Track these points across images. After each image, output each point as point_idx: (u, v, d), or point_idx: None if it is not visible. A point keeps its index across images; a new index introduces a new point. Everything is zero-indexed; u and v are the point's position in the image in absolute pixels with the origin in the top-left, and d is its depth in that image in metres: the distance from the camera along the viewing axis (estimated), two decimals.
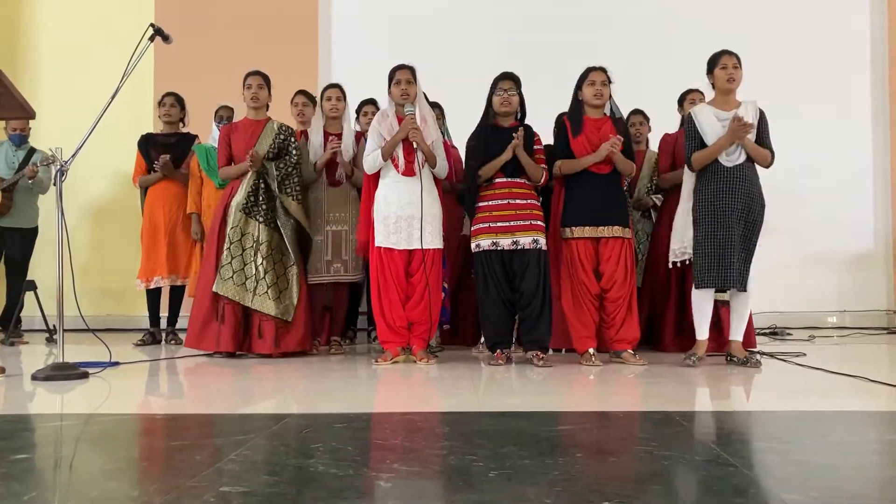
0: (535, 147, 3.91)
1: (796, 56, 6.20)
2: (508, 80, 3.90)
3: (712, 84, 3.82)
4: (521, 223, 3.79)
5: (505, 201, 3.83)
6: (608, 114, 3.98)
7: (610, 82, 3.90)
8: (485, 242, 3.82)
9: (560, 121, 4.04)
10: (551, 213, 4.04)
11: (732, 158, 3.69)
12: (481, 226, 3.86)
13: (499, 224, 3.81)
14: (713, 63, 3.78)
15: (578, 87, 3.95)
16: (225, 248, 4.17)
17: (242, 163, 4.21)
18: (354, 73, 6.07)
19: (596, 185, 3.86)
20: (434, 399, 2.95)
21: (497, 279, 3.81)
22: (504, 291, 3.82)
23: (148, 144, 5.10)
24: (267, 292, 4.13)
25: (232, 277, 4.13)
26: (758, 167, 3.77)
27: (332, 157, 4.34)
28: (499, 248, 3.79)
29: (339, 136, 4.43)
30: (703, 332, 3.80)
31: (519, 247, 3.78)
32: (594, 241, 3.87)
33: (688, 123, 3.84)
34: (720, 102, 3.79)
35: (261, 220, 4.20)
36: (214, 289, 4.12)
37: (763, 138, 3.76)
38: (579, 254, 3.86)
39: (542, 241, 3.82)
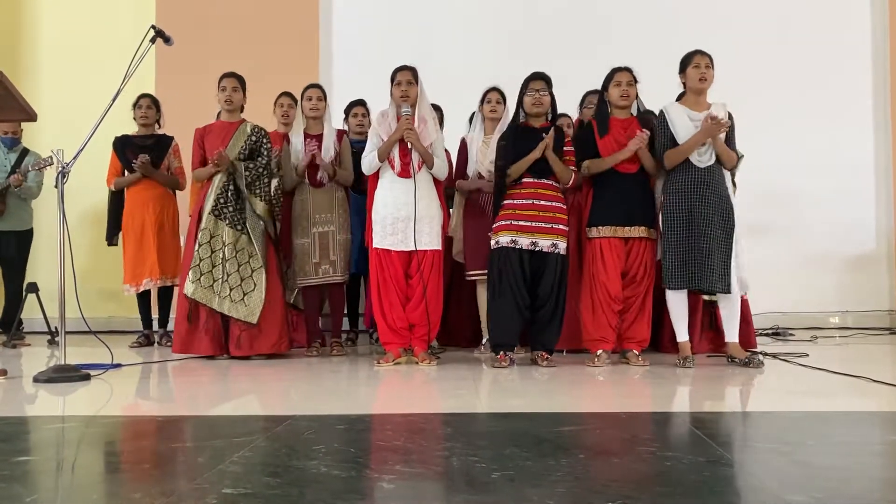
0: (564, 148, 3.89)
1: (797, 56, 6.19)
2: (540, 80, 3.88)
3: (684, 83, 3.83)
4: (543, 225, 3.76)
5: (529, 201, 3.81)
6: (634, 114, 3.98)
7: (636, 82, 3.90)
8: (504, 239, 3.79)
9: (585, 123, 4.03)
10: (580, 213, 4.03)
11: (704, 159, 3.70)
12: (503, 223, 3.82)
13: (521, 223, 3.78)
14: (686, 62, 3.79)
15: (604, 88, 3.94)
16: (195, 250, 4.17)
17: (210, 164, 4.19)
18: (355, 74, 6.08)
19: (624, 185, 3.84)
20: (436, 400, 2.95)
21: (513, 277, 3.75)
22: (518, 291, 3.77)
23: (124, 146, 5.06)
24: (230, 294, 4.12)
25: (199, 279, 4.12)
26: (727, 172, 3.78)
27: (311, 159, 4.32)
28: (517, 247, 3.77)
29: (320, 137, 4.38)
30: (682, 333, 3.79)
31: (537, 249, 3.76)
32: (622, 241, 3.86)
33: (659, 121, 3.84)
34: (692, 102, 3.80)
35: (227, 221, 4.18)
36: (185, 291, 4.13)
37: (730, 140, 3.78)
38: (604, 254, 3.84)
39: (563, 245, 3.79)
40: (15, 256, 5.41)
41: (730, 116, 3.78)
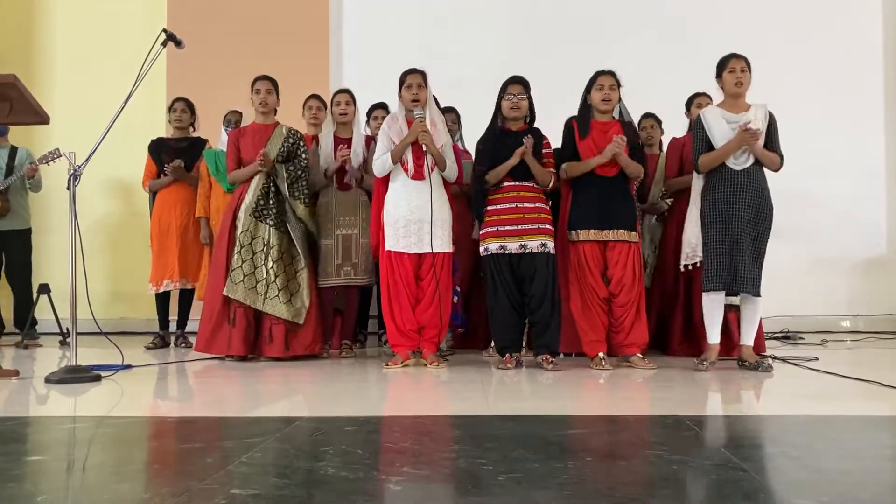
0: (543, 151, 3.91)
1: (808, 57, 6.18)
2: (518, 85, 3.91)
3: (722, 88, 3.81)
4: (530, 227, 3.79)
5: (513, 205, 3.83)
6: (617, 118, 3.98)
7: (619, 86, 3.90)
8: (493, 246, 3.82)
9: (569, 124, 4.04)
10: (559, 216, 4.03)
11: (740, 162, 3.68)
12: (489, 229, 3.86)
13: (507, 228, 3.81)
14: (722, 67, 3.78)
15: (587, 90, 3.95)
16: (235, 251, 4.18)
17: (252, 165, 4.22)
18: (366, 76, 6.09)
19: (602, 188, 3.85)
20: (444, 403, 2.95)
21: (506, 283, 3.81)
22: (513, 295, 3.82)
23: (159, 149, 5.14)
24: (278, 296, 4.15)
25: (243, 281, 4.14)
26: (766, 171, 3.75)
27: (342, 164, 4.36)
28: (507, 252, 3.79)
29: (349, 140, 4.45)
30: (714, 336, 3.78)
31: (527, 250, 3.78)
32: (601, 245, 3.87)
33: (696, 125, 3.83)
34: (729, 105, 3.78)
35: (271, 223, 4.22)
36: (225, 292, 4.14)
37: (773, 142, 3.74)
38: (586, 257, 3.86)
39: (551, 244, 3.82)
40: (20, 255, 5.46)
41: (771, 117, 3.76)
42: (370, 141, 4.52)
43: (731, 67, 3.73)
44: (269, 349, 4.17)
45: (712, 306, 3.77)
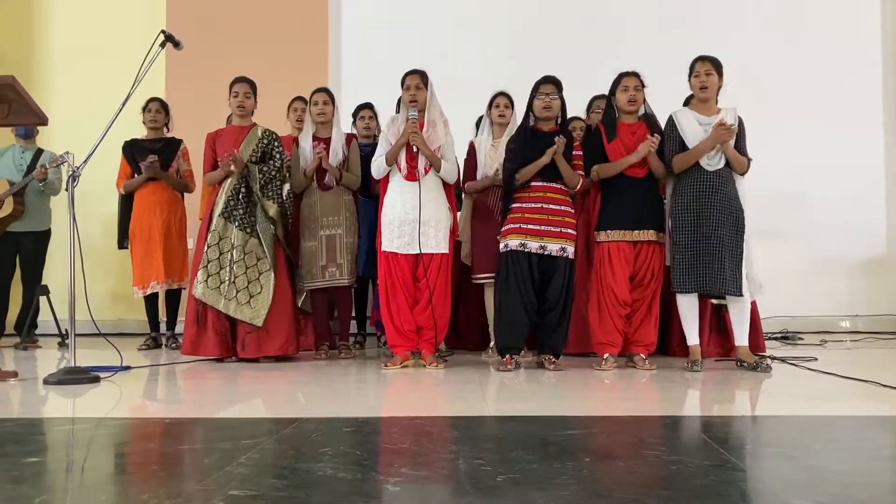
0: (573, 153, 3.90)
1: (806, 59, 6.18)
2: (550, 84, 3.89)
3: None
4: (552, 229, 3.77)
5: (539, 205, 3.81)
6: (641, 118, 3.98)
7: (643, 86, 3.91)
8: (513, 242, 3.79)
9: (595, 127, 4.03)
10: (587, 219, 4.03)
11: (713, 163, 3.70)
12: (512, 226, 3.82)
13: (530, 227, 3.79)
14: (690, 70, 3.80)
15: (612, 92, 3.95)
16: (203, 252, 4.19)
17: (223, 166, 4.21)
18: (365, 76, 6.10)
19: (632, 189, 3.85)
20: (443, 403, 2.95)
21: (521, 281, 3.76)
22: (526, 295, 3.77)
23: (133, 150, 5.11)
24: (236, 297, 4.13)
25: (206, 281, 4.13)
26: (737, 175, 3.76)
27: (318, 163, 4.33)
28: (526, 250, 3.77)
29: (329, 140, 4.41)
30: (692, 337, 3.79)
31: (546, 252, 3.77)
32: (632, 245, 3.86)
33: (668, 126, 3.84)
34: (700, 108, 3.80)
35: (236, 224, 4.19)
36: (193, 293, 4.15)
37: (740, 145, 3.77)
38: (612, 258, 3.84)
39: (571, 249, 3.80)
40: (33, 258, 5.45)
41: (739, 122, 3.77)
42: (352, 139, 4.51)
43: (696, 71, 3.75)
44: (240, 350, 4.15)
45: (686, 307, 3.78)
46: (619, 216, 3.86)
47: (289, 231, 4.37)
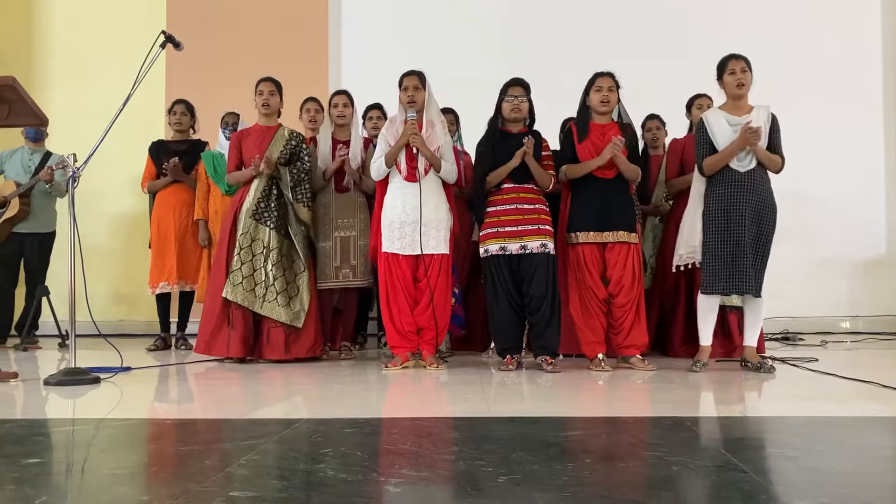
0: (542, 153, 3.91)
1: (807, 59, 6.18)
2: (518, 87, 3.91)
3: (724, 90, 3.78)
4: (530, 227, 3.80)
5: (513, 206, 3.84)
6: (616, 119, 3.98)
7: (618, 88, 3.90)
8: (493, 247, 3.82)
9: (568, 126, 4.04)
10: (559, 219, 4.03)
11: (744, 164, 3.67)
12: (489, 231, 3.86)
13: (507, 229, 3.81)
14: (721, 68, 3.76)
15: (586, 92, 3.95)
16: (235, 253, 4.18)
17: (251, 167, 4.21)
18: (365, 77, 6.10)
19: (601, 190, 3.85)
20: (443, 404, 2.95)
21: (506, 284, 3.81)
22: (513, 296, 3.82)
23: (159, 151, 5.16)
24: (276, 298, 4.14)
25: (241, 283, 4.14)
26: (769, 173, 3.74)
27: (340, 165, 4.35)
28: (507, 253, 3.79)
29: (348, 143, 4.44)
30: (706, 337, 3.78)
31: (527, 251, 3.78)
32: (600, 247, 3.87)
33: (698, 128, 3.82)
34: (731, 107, 3.76)
35: (271, 225, 4.21)
36: (224, 294, 4.14)
37: (774, 144, 3.72)
38: (585, 259, 3.85)
39: (551, 245, 3.82)
40: (37, 260, 5.45)
41: (774, 119, 3.74)
42: (368, 143, 4.52)
43: (732, 69, 3.70)
44: (268, 351, 4.17)
45: (707, 308, 3.77)
46: (587, 217, 3.87)
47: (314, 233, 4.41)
